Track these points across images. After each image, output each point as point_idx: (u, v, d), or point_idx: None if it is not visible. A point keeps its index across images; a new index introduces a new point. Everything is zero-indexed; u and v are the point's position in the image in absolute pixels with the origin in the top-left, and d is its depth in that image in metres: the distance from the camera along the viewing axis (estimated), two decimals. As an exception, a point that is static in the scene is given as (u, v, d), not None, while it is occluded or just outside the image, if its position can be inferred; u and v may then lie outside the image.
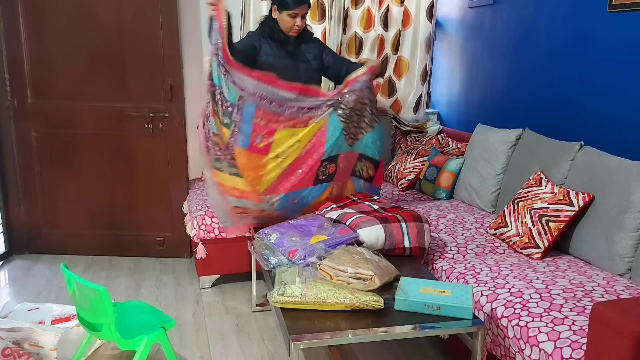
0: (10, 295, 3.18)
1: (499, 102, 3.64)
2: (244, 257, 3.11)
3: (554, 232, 2.43)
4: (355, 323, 1.79)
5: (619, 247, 2.22)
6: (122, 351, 2.50)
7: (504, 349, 1.97)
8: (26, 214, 3.72)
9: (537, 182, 2.66)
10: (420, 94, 4.16)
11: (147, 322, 2.23)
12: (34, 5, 3.43)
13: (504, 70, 3.57)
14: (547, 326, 1.84)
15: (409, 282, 1.95)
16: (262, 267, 2.21)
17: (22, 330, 2.34)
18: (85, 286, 2.01)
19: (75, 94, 3.55)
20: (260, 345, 2.66)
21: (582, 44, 2.89)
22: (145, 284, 3.34)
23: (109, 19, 3.45)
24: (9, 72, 3.53)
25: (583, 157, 2.59)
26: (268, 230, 2.38)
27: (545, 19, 3.16)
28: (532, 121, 3.24)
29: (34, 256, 3.75)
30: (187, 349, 2.62)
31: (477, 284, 2.22)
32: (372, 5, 3.96)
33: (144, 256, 3.76)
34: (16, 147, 3.62)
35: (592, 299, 2.00)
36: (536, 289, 2.08)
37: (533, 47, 3.27)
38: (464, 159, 3.42)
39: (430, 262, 2.54)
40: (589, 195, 2.41)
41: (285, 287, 1.86)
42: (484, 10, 3.76)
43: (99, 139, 3.62)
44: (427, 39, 4.07)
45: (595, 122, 2.81)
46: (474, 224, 2.91)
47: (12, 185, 3.68)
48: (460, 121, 4.13)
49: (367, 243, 2.32)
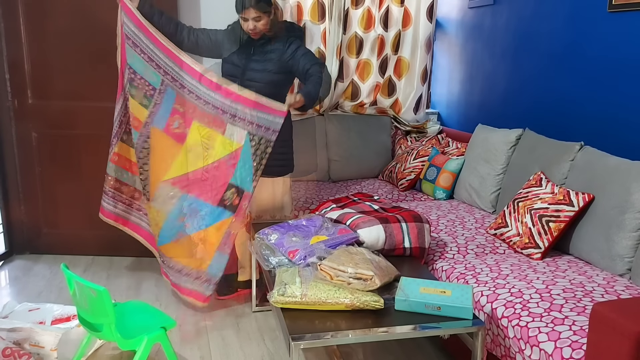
0: (11, 296, 3.18)
1: (499, 102, 3.64)
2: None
3: (554, 232, 2.44)
4: (355, 323, 1.79)
5: (619, 247, 2.22)
6: (122, 351, 2.50)
7: (504, 349, 1.97)
8: (26, 214, 3.72)
9: (537, 182, 2.66)
10: (421, 94, 4.16)
11: (147, 322, 2.23)
12: (35, 5, 3.43)
13: (504, 70, 3.57)
14: (547, 326, 1.84)
15: (409, 282, 1.95)
16: (263, 267, 2.21)
17: (22, 331, 2.34)
18: (86, 286, 2.01)
19: (76, 94, 3.55)
20: (261, 345, 2.66)
21: (582, 44, 2.90)
22: (145, 284, 3.34)
23: (109, 19, 3.43)
24: (10, 72, 3.52)
25: (583, 157, 2.59)
26: (268, 230, 2.38)
27: (546, 19, 3.16)
28: (532, 121, 3.24)
29: (34, 256, 3.75)
30: (187, 349, 2.62)
31: (477, 284, 2.22)
32: (372, 6, 3.96)
33: (144, 256, 3.76)
34: (16, 147, 3.62)
35: (592, 299, 2.00)
36: (536, 289, 2.08)
37: (533, 47, 3.27)
38: (464, 159, 3.42)
39: (430, 262, 2.54)
40: (589, 195, 2.41)
41: (285, 287, 1.86)
42: (484, 11, 3.76)
43: (99, 139, 3.60)
44: (427, 39, 4.07)
45: (595, 122, 2.82)
46: (474, 224, 2.91)
47: (12, 185, 3.67)
48: (460, 121, 4.13)
49: (367, 243, 2.32)
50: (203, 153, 2.70)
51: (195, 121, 2.71)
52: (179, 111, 2.69)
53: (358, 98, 4.11)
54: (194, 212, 2.74)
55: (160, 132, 2.72)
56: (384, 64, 4.09)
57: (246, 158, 2.64)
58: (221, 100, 2.67)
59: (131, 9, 2.72)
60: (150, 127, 2.73)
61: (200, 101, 2.70)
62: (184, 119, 2.69)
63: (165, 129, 2.72)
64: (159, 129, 2.73)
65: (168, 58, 2.71)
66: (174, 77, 2.70)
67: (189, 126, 2.69)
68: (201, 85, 2.68)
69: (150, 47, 2.70)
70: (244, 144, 2.63)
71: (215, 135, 2.68)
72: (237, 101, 2.64)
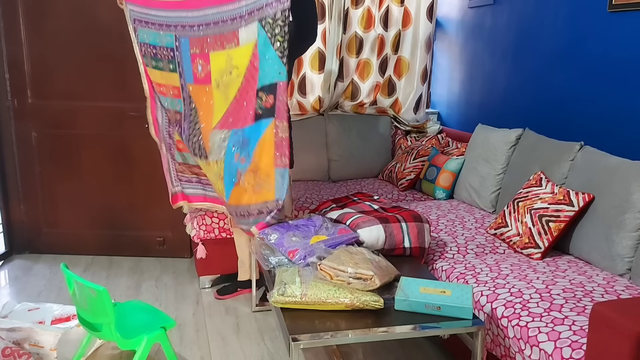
0: (11, 295, 3.18)
1: (499, 102, 3.64)
2: (244, 257, 3.11)
3: (554, 232, 2.44)
4: (355, 323, 1.79)
5: (619, 247, 2.22)
6: (122, 351, 2.50)
7: (504, 349, 1.97)
8: (26, 213, 3.72)
9: (537, 182, 2.66)
10: (421, 94, 4.16)
11: (147, 322, 2.23)
12: (34, 5, 3.43)
13: (504, 70, 3.57)
14: (547, 326, 1.84)
15: (409, 282, 1.95)
16: (262, 267, 2.21)
17: (22, 330, 2.34)
18: (86, 286, 2.01)
19: (76, 94, 3.55)
20: (260, 345, 2.66)
21: (582, 44, 2.90)
22: (145, 284, 3.34)
23: (109, 18, 3.45)
24: (9, 72, 3.53)
25: (583, 157, 2.59)
26: (268, 230, 2.38)
27: (546, 19, 3.16)
28: (532, 121, 3.24)
29: (34, 256, 3.75)
30: (187, 349, 2.62)
31: (477, 284, 2.22)
32: (372, 5, 3.96)
33: (144, 256, 3.77)
34: (16, 147, 3.63)
35: (592, 299, 2.00)
36: (536, 289, 2.08)
37: (533, 47, 3.27)
38: (464, 159, 3.42)
39: (430, 262, 2.54)
40: (589, 195, 2.41)
41: (285, 287, 1.86)
42: (484, 10, 3.76)
43: (99, 139, 3.62)
44: (427, 39, 4.07)
45: (595, 122, 2.82)
46: (474, 224, 2.91)
47: (12, 185, 3.68)
48: (460, 121, 4.13)
49: (367, 243, 2.32)
50: (231, 79, 2.48)
51: (211, 52, 2.51)
52: (196, 54, 2.54)
53: (358, 98, 4.11)
54: (244, 143, 2.49)
55: (193, 86, 2.60)
56: (384, 63, 4.09)
57: (265, 50, 2.35)
58: (224, 10, 2.44)
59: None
60: (186, 86, 2.63)
61: (208, 27, 2.49)
62: (202, 57, 2.53)
63: (194, 80, 2.59)
64: (192, 83, 2.60)
65: (171, 10, 2.58)
66: (181, 24, 2.55)
67: (209, 62, 2.51)
68: (201, 11, 2.50)
69: (156, 13, 2.62)
70: (257, 37, 2.35)
71: (233, 53, 2.46)
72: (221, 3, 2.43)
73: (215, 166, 2.60)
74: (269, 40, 2.34)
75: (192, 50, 2.55)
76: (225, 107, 2.50)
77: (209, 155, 2.61)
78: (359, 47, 4.00)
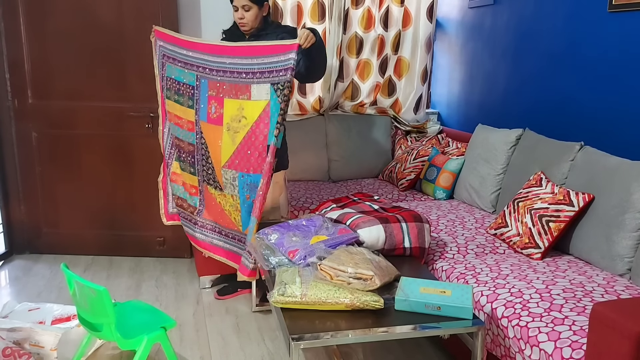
0: (11, 295, 3.18)
1: (499, 103, 3.64)
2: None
3: (554, 232, 2.44)
4: (355, 323, 1.79)
5: (619, 247, 2.22)
6: (122, 351, 2.50)
7: (504, 349, 1.97)
8: (26, 214, 3.72)
9: (537, 182, 2.66)
10: (421, 94, 4.16)
11: (147, 322, 2.23)
12: (35, 5, 3.43)
13: (504, 70, 3.57)
14: (547, 326, 1.84)
15: (409, 282, 1.95)
16: (262, 267, 2.21)
17: (22, 330, 2.34)
18: (86, 286, 2.01)
19: (76, 94, 3.55)
20: (261, 345, 2.66)
21: (582, 44, 2.89)
22: (145, 284, 3.34)
23: (109, 19, 3.46)
24: (10, 72, 3.53)
25: (583, 157, 2.59)
26: (268, 230, 2.38)
27: (546, 19, 3.16)
28: (532, 121, 3.24)
29: (34, 256, 3.75)
30: (187, 349, 2.62)
31: (477, 284, 2.22)
32: (373, 6, 3.96)
33: (144, 256, 3.76)
34: (16, 147, 3.63)
35: (592, 299, 2.00)
36: (536, 289, 2.08)
37: (533, 47, 3.27)
38: (464, 159, 3.42)
39: (430, 262, 2.54)
40: (589, 195, 2.41)
41: (285, 287, 1.86)
42: (484, 11, 3.76)
43: (99, 139, 3.62)
44: (427, 39, 4.07)
45: (595, 122, 2.82)
46: (474, 224, 2.91)
47: (12, 185, 3.68)
48: (460, 121, 4.13)
49: (367, 243, 2.32)
50: (239, 126, 2.65)
51: (225, 98, 2.70)
52: (212, 96, 2.73)
53: (358, 98, 4.11)
54: (253, 187, 2.67)
55: (205, 124, 2.78)
56: (384, 64, 4.09)
57: (274, 111, 2.55)
58: (238, 62, 2.62)
59: (163, 32, 2.92)
60: (199, 122, 2.81)
61: (225, 75, 2.68)
62: (217, 101, 2.71)
63: (207, 119, 2.77)
64: (205, 122, 2.78)
65: (196, 51, 2.77)
66: (203, 66, 2.75)
67: (222, 106, 2.70)
68: (220, 57, 2.68)
69: (183, 52, 2.82)
70: (270, 99, 2.55)
71: (244, 104, 2.64)
72: (251, 54, 2.58)
73: (231, 199, 2.78)
74: (278, 105, 2.54)
75: (209, 92, 2.75)
76: (232, 150, 2.69)
77: (223, 189, 2.79)
78: (359, 47, 4.00)
